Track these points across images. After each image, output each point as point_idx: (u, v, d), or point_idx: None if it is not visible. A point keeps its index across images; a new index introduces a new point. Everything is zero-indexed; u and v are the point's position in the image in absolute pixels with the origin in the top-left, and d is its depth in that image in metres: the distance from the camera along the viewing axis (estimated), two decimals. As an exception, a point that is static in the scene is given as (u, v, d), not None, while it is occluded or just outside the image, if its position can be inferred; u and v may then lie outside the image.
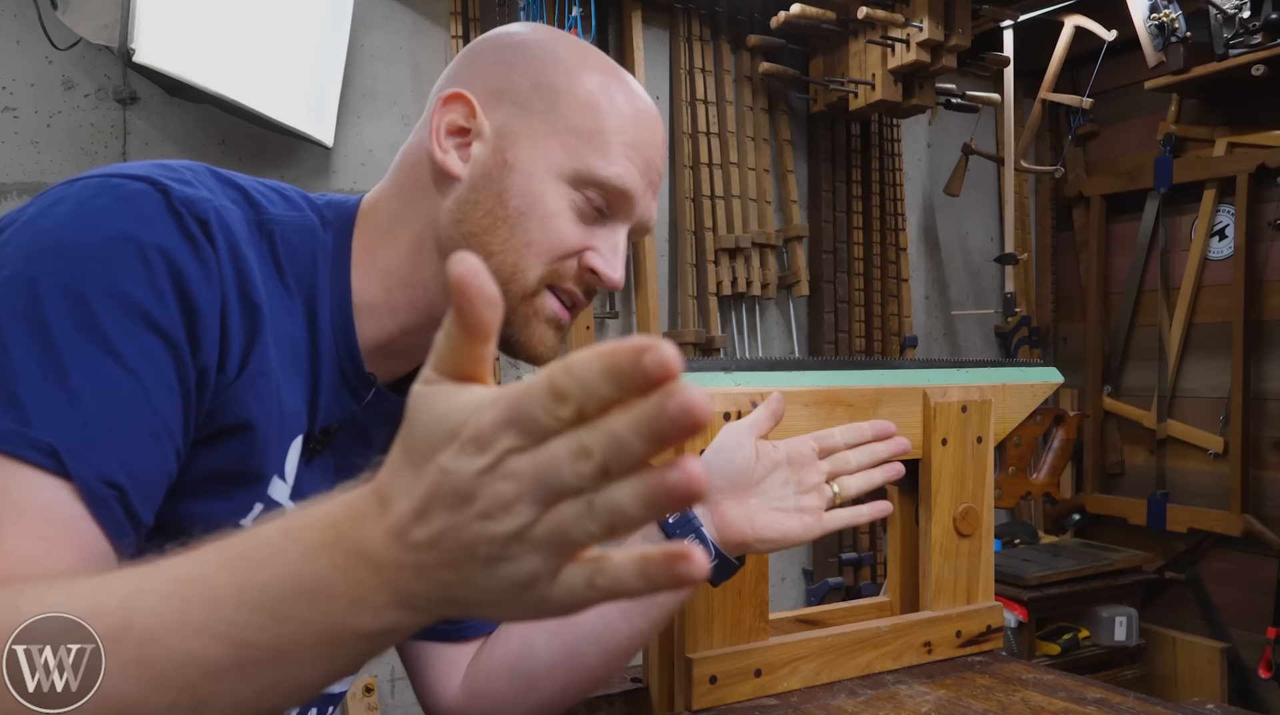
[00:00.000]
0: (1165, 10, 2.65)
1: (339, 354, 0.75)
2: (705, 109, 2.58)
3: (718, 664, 0.98)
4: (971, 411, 1.17)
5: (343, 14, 2.09)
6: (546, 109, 0.74)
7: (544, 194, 0.73)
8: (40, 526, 0.54)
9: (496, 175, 0.73)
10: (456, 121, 0.75)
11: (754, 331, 2.73)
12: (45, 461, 0.54)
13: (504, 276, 0.72)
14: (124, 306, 0.59)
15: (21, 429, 0.54)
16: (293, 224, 0.72)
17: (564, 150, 0.73)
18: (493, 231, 0.73)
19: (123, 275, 0.59)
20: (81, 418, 0.56)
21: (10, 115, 1.89)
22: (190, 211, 0.63)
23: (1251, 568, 2.82)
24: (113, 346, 0.58)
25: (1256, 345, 2.84)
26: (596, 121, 0.74)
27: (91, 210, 0.61)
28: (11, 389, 0.55)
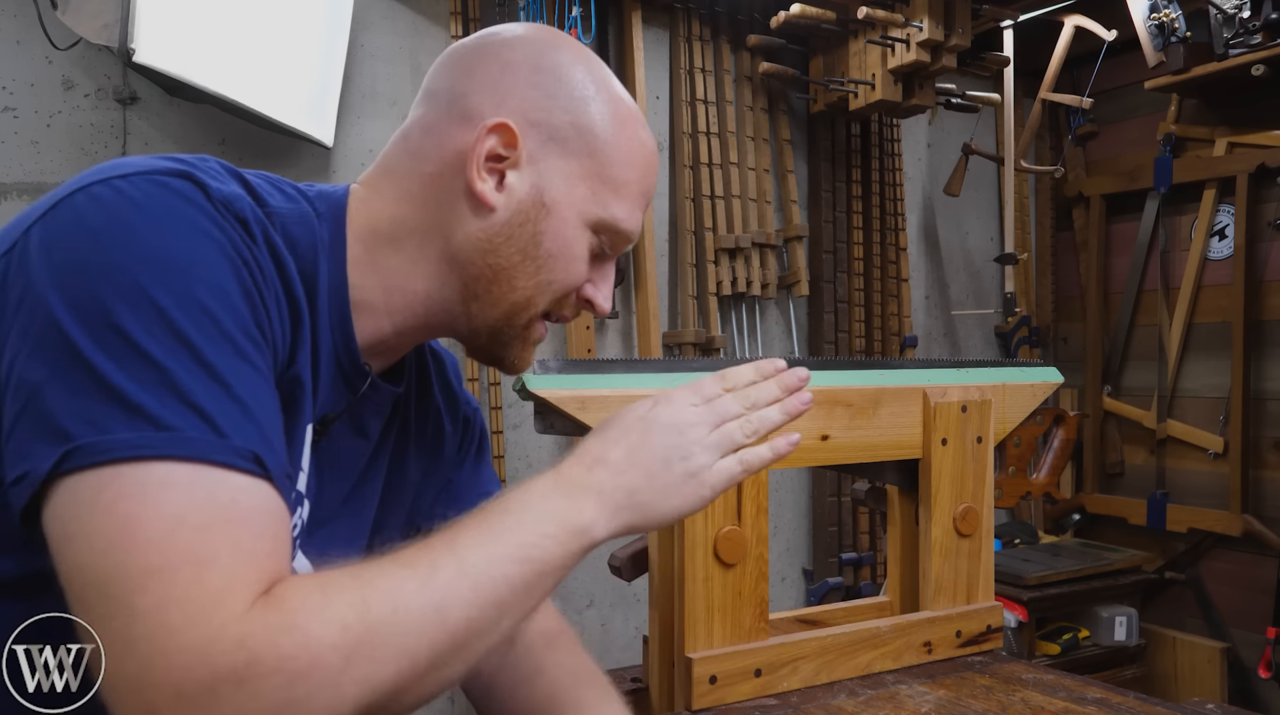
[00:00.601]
0: (1165, 10, 2.65)
1: (336, 345, 0.75)
2: (705, 109, 2.58)
3: (718, 664, 0.98)
4: (971, 411, 1.17)
5: (343, 14, 2.08)
6: (585, 154, 0.77)
7: (574, 240, 0.77)
8: (275, 529, 0.58)
9: (534, 217, 0.75)
10: (496, 150, 0.74)
11: (754, 331, 2.73)
12: (253, 467, 0.57)
13: (519, 308, 0.77)
14: (232, 308, 0.61)
15: (223, 440, 0.56)
16: (292, 216, 0.73)
17: (594, 198, 0.77)
18: (521, 268, 0.76)
19: (221, 278, 0.61)
20: (256, 422, 0.59)
21: (10, 115, 1.89)
22: (229, 210, 0.64)
23: (1251, 568, 2.82)
24: (242, 351, 0.60)
25: (1256, 345, 2.84)
26: (624, 172, 0.78)
27: (161, 212, 0.61)
28: (194, 404, 0.56)
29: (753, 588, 1.01)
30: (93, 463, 0.52)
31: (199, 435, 0.55)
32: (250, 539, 0.56)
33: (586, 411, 0.94)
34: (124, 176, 0.62)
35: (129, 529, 0.52)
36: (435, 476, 0.93)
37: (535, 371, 0.93)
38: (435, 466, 0.93)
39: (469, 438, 0.97)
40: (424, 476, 0.91)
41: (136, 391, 0.54)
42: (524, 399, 0.92)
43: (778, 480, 2.80)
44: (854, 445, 1.10)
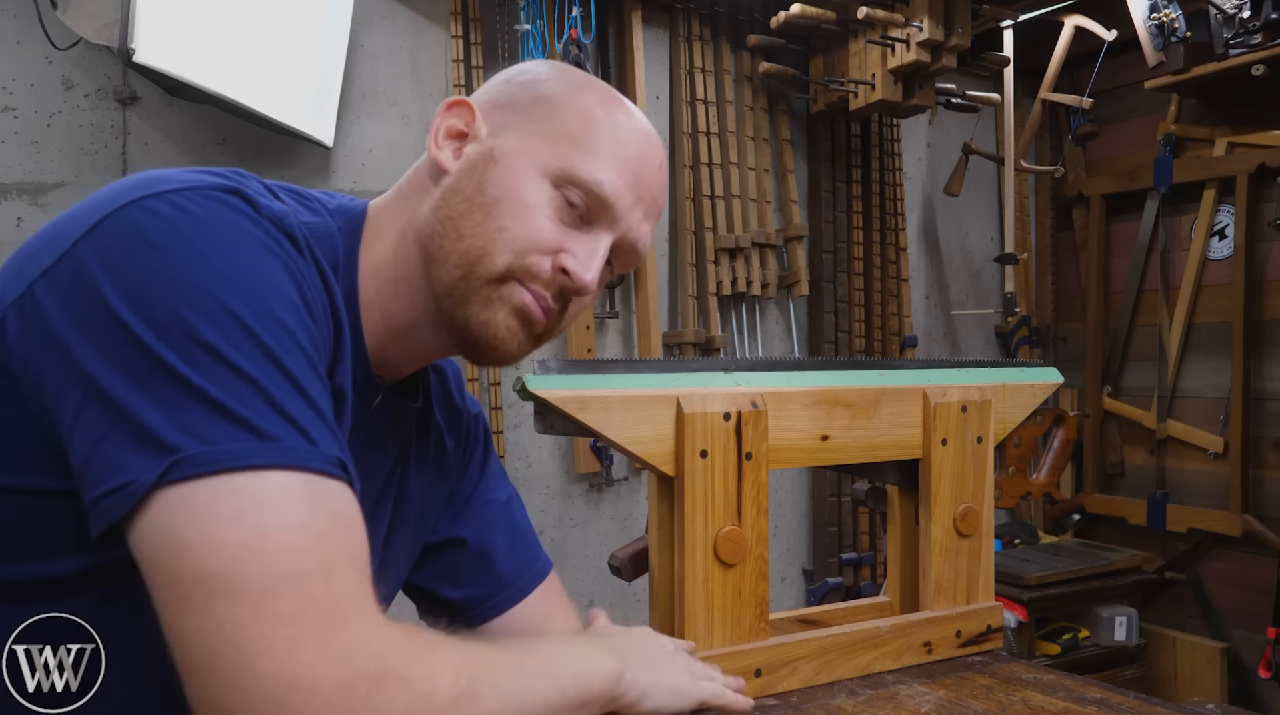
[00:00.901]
0: (1165, 10, 2.65)
1: (355, 358, 0.76)
2: (705, 109, 2.58)
3: (718, 664, 0.98)
4: (971, 411, 1.17)
5: (343, 14, 2.08)
6: (544, 117, 0.76)
7: (522, 186, 0.74)
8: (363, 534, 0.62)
9: (481, 167, 0.75)
10: (457, 126, 0.77)
11: (754, 331, 2.73)
12: (341, 473, 0.60)
13: (471, 259, 0.73)
14: (302, 322, 0.62)
15: (316, 448, 0.58)
16: (316, 231, 0.73)
17: (550, 150, 0.75)
18: (467, 216, 0.74)
19: (290, 293, 0.62)
20: (335, 431, 0.62)
21: (10, 115, 1.89)
22: (279, 227, 0.65)
23: (1251, 568, 2.82)
24: (313, 363, 0.62)
25: (1256, 345, 2.84)
26: (588, 129, 0.76)
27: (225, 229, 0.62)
28: (289, 415, 0.58)
29: (753, 588, 1.01)
30: (202, 472, 0.54)
31: (297, 444, 0.57)
32: (355, 546, 0.60)
33: (586, 411, 0.94)
34: (177, 191, 0.62)
35: (261, 537, 0.54)
36: (438, 492, 0.93)
37: (535, 371, 0.93)
38: (438, 483, 0.92)
39: (470, 447, 0.97)
40: (426, 494, 0.91)
41: (235, 404, 0.56)
42: (524, 399, 0.92)
43: (778, 480, 2.80)
44: (854, 445, 1.10)
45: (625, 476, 2.58)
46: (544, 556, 1.00)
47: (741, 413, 1.00)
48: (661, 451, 0.98)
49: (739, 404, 1.00)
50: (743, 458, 1.00)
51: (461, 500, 0.95)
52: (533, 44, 2.26)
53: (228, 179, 0.65)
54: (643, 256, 0.82)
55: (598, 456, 2.46)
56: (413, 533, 0.90)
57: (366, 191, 2.23)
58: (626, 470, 2.58)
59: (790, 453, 1.05)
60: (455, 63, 2.24)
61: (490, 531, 0.95)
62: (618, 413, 0.95)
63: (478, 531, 0.95)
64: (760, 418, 1.01)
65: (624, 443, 0.96)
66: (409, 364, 0.82)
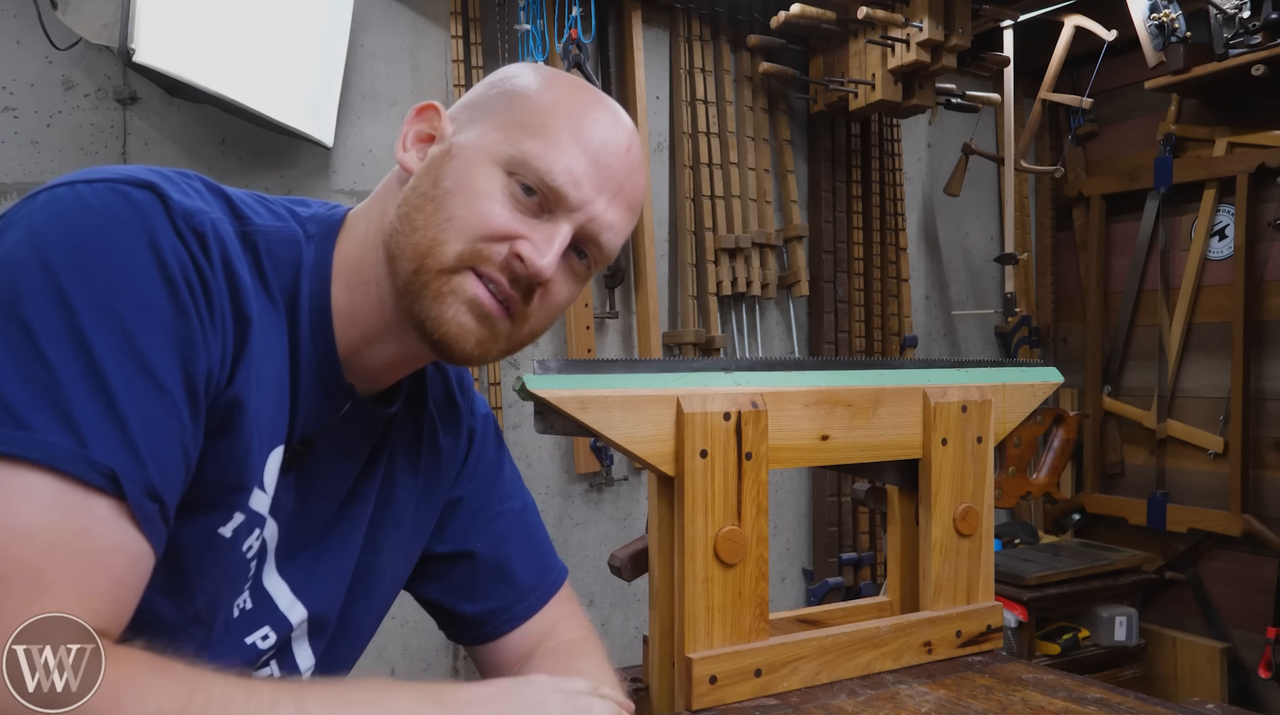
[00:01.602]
0: (1165, 10, 2.65)
1: (319, 364, 0.75)
2: (705, 109, 2.57)
3: (718, 664, 0.98)
4: (971, 411, 1.17)
5: (343, 14, 2.08)
6: (503, 109, 0.76)
7: (474, 175, 0.73)
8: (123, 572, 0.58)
9: (439, 162, 0.75)
10: (425, 130, 0.78)
11: (754, 331, 2.73)
12: (104, 484, 0.56)
13: (423, 251, 0.72)
14: (155, 323, 0.60)
15: (81, 450, 0.55)
16: (277, 235, 0.73)
17: (505, 139, 0.74)
18: (420, 209, 0.73)
19: (151, 292, 0.60)
20: (130, 439, 0.58)
21: (10, 115, 1.89)
22: (188, 223, 0.64)
23: (1251, 568, 2.82)
24: (148, 365, 0.59)
25: (1256, 345, 2.84)
26: (544, 117, 0.74)
27: (106, 217, 0.61)
28: (66, 409, 0.55)
29: (753, 588, 1.01)
30: None
31: (58, 441, 0.54)
32: (91, 577, 0.55)
33: (586, 411, 0.94)
34: (90, 182, 0.62)
35: None
36: (434, 496, 0.91)
37: (535, 371, 0.93)
38: (433, 486, 0.91)
39: (477, 449, 0.95)
40: (420, 497, 0.89)
41: (12, 385, 0.54)
42: (524, 399, 0.92)
43: (778, 480, 2.80)
44: (854, 445, 1.10)
45: (625, 476, 2.58)
46: (560, 565, 0.99)
47: (741, 413, 1.00)
48: (661, 451, 0.98)
49: (739, 404, 1.00)
50: (743, 458, 1.00)
51: (474, 509, 0.94)
52: (533, 44, 2.26)
53: (155, 175, 0.65)
54: (615, 246, 0.78)
55: (598, 456, 2.46)
56: (406, 535, 0.89)
57: (366, 192, 2.22)
58: (626, 470, 2.58)
59: (790, 453, 1.05)
60: (455, 63, 2.24)
61: (506, 542, 0.94)
62: (618, 413, 0.95)
63: (493, 542, 0.93)
64: (760, 418, 1.01)
65: (624, 443, 0.96)
66: (392, 369, 0.81)
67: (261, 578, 0.76)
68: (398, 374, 0.83)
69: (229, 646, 0.74)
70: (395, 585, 0.91)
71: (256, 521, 0.72)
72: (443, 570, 0.93)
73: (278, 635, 0.78)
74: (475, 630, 0.93)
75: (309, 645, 0.82)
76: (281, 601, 0.78)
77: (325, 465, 0.78)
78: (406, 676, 2.33)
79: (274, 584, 0.77)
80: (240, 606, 0.75)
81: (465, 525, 0.93)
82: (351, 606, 0.85)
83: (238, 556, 0.71)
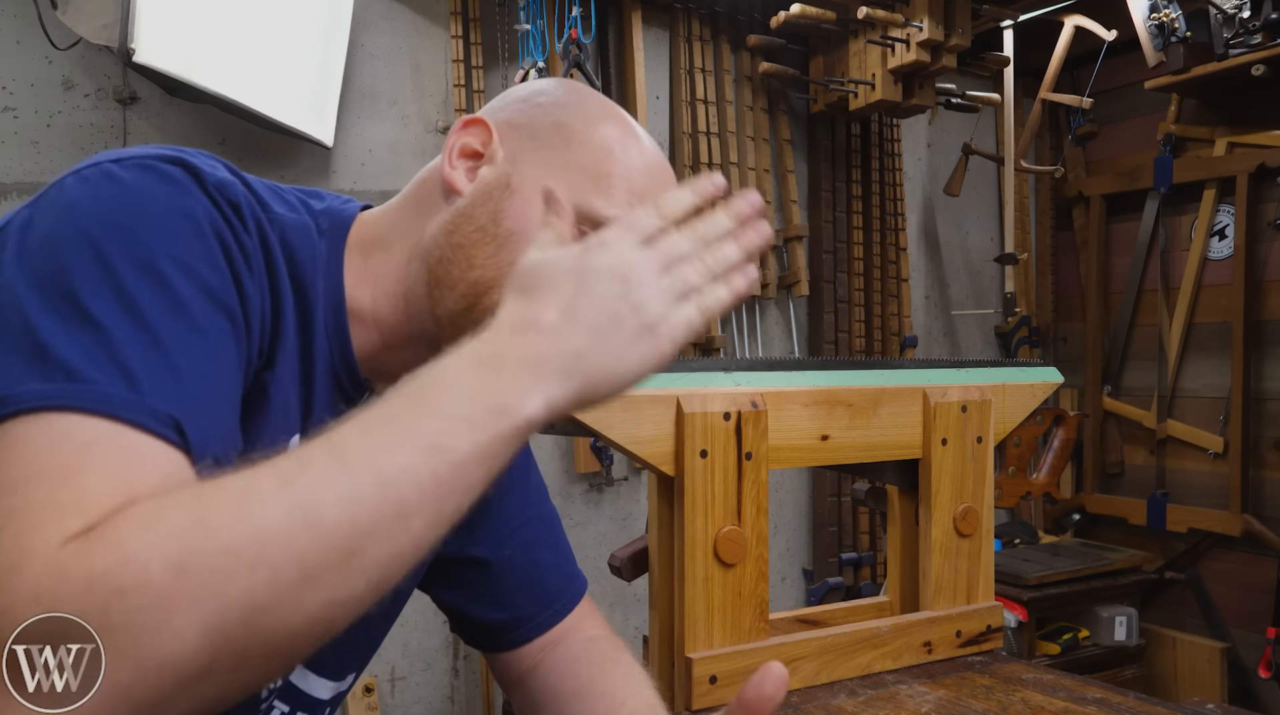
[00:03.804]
0: (1165, 10, 2.65)
1: (333, 359, 0.75)
2: (705, 109, 2.57)
3: (718, 664, 0.98)
4: (971, 411, 1.17)
5: (343, 14, 2.08)
6: (560, 146, 0.75)
7: (538, 221, 0.72)
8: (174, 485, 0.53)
9: (497, 195, 0.74)
10: (472, 145, 0.76)
11: (754, 331, 2.73)
12: (169, 433, 0.53)
13: (480, 290, 0.72)
14: (197, 283, 0.59)
15: (139, 398, 0.52)
16: (292, 225, 0.72)
17: (568, 184, 0.74)
18: (480, 246, 0.73)
19: (191, 252, 0.59)
20: (190, 391, 0.55)
21: (10, 115, 1.89)
22: (222, 194, 0.63)
23: (1251, 568, 2.82)
24: (196, 323, 0.58)
25: (1256, 345, 2.84)
26: (606, 165, 0.75)
27: (141, 187, 0.60)
28: (121, 362, 0.53)
29: (753, 588, 1.01)
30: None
31: (114, 391, 0.52)
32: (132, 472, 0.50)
33: (586, 411, 0.94)
34: (117, 160, 0.62)
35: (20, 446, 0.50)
36: None
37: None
38: None
39: None
40: None
41: (64, 348, 0.53)
42: (524, 399, 0.92)
43: (778, 480, 2.80)
44: (854, 445, 1.10)
45: (625, 476, 2.58)
46: (581, 576, 0.98)
47: (741, 413, 1.00)
48: (661, 451, 0.98)
49: (739, 404, 1.00)
50: (743, 458, 1.00)
51: (504, 513, 0.93)
52: (533, 44, 2.26)
53: (181, 153, 0.64)
54: None
55: (598, 456, 2.46)
56: None
57: (366, 191, 2.23)
58: (626, 470, 2.58)
59: (790, 453, 1.05)
60: (455, 63, 2.24)
61: (535, 548, 0.93)
62: (618, 413, 0.95)
63: (522, 549, 0.93)
64: (760, 418, 1.01)
65: (624, 443, 0.96)
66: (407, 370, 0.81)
67: None
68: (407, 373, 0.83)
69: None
70: (411, 580, 0.90)
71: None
72: (470, 575, 0.92)
73: None
74: (498, 637, 0.92)
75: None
76: None
77: None
78: (405, 675, 2.33)
79: None
80: None
81: (496, 529, 0.92)
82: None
83: None
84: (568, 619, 0.93)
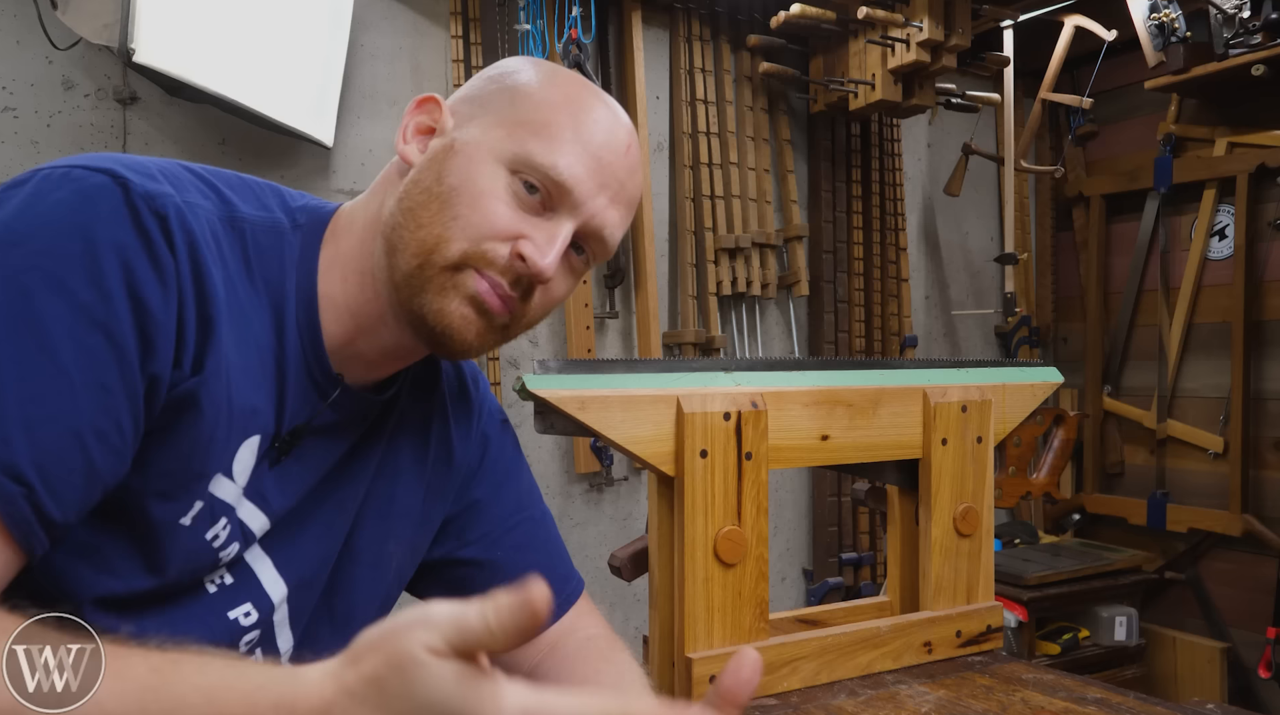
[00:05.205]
0: (1165, 10, 2.65)
1: (305, 355, 0.75)
2: (705, 109, 2.58)
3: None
4: (971, 411, 1.17)
5: (343, 14, 2.08)
6: (505, 105, 0.76)
7: (479, 174, 0.73)
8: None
9: (441, 157, 0.75)
10: (425, 122, 0.78)
11: (754, 331, 2.73)
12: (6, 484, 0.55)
13: (427, 247, 0.73)
14: (68, 303, 0.59)
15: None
16: (262, 224, 0.74)
17: (508, 137, 0.74)
18: (425, 206, 0.74)
19: (70, 272, 0.59)
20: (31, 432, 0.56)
21: (10, 115, 1.89)
22: (149, 207, 0.63)
23: (1251, 568, 2.82)
24: (48, 343, 0.58)
25: (1256, 345, 2.84)
26: (548, 114, 0.75)
27: (47, 203, 0.61)
28: None
29: (753, 588, 1.01)
30: None
31: None
32: None
33: (586, 411, 0.94)
34: (56, 167, 0.64)
35: None
36: (441, 492, 0.90)
37: (535, 371, 0.93)
38: (441, 481, 0.90)
39: (491, 453, 0.94)
40: (429, 487, 0.89)
41: None
42: (524, 399, 0.92)
43: (778, 480, 2.80)
44: (854, 445, 1.10)
45: (625, 476, 2.58)
46: (577, 575, 0.98)
47: (741, 413, 1.00)
48: (661, 451, 0.98)
49: (739, 404, 1.01)
50: (743, 458, 1.00)
51: (494, 515, 0.93)
52: (533, 44, 2.26)
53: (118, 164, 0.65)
54: (613, 244, 0.79)
55: (598, 456, 2.46)
56: (415, 525, 0.88)
57: (362, 192, 2.23)
58: (626, 470, 2.58)
59: (790, 453, 1.05)
60: (455, 63, 2.24)
61: (527, 550, 0.93)
62: (618, 413, 0.95)
63: (514, 550, 0.93)
64: (760, 418, 1.01)
65: (624, 443, 0.96)
66: (386, 360, 0.81)
67: (244, 555, 0.76)
68: (393, 366, 0.83)
69: (211, 622, 0.74)
70: (400, 578, 0.90)
71: (222, 510, 0.72)
72: (462, 578, 0.92)
73: (260, 613, 0.77)
74: None
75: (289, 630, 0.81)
76: (265, 578, 0.78)
77: (312, 452, 0.78)
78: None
79: (259, 562, 0.77)
80: (219, 582, 0.75)
81: (488, 531, 0.92)
82: (348, 593, 0.84)
83: (200, 544, 0.71)
84: (564, 619, 0.93)
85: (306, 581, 0.81)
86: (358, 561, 0.85)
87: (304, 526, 0.80)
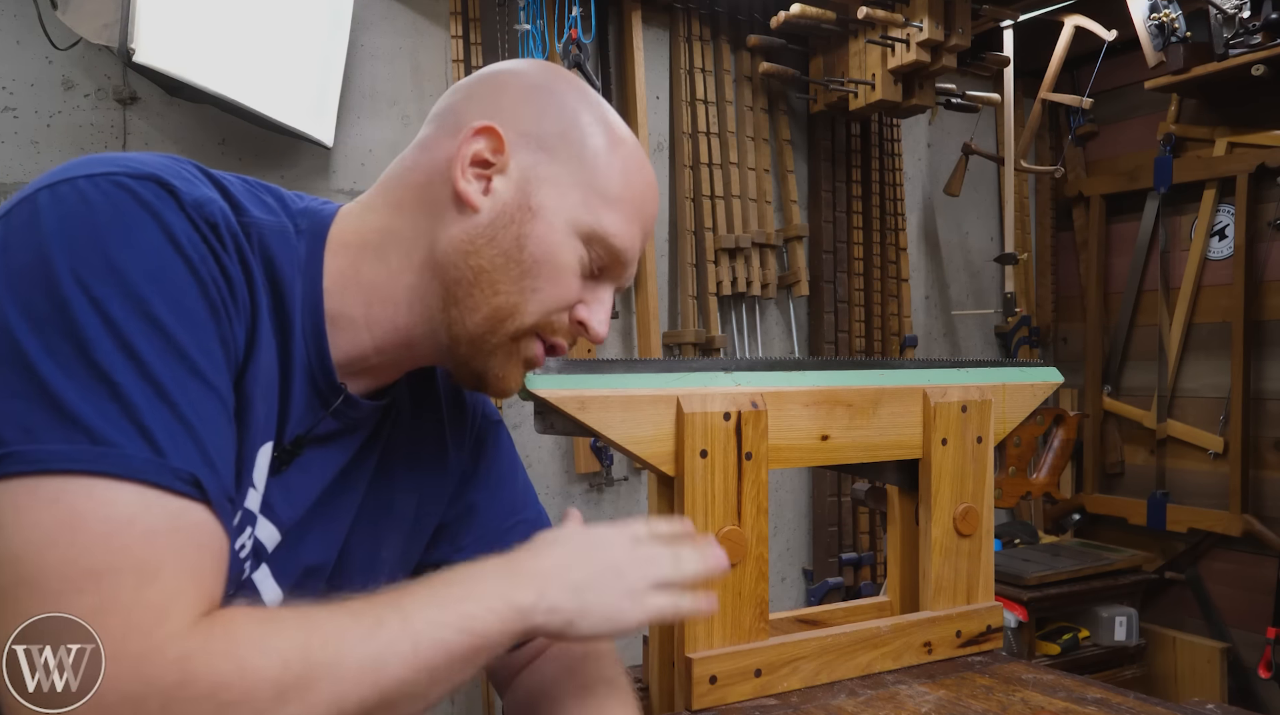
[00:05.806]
0: (1165, 10, 2.65)
1: (310, 364, 0.74)
2: (705, 109, 2.58)
3: (718, 664, 0.98)
4: (971, 411, 1.17)
5: (343, 14, 2.08)
6: (573, 161, 0.76)
7: (561, 249, 0.75)
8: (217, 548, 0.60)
9: (519, 218, 0.74)
10: (483, 154, 0.74)
11: (754, 331, 2.73)
12: (192, 491, 0.57)
13: (502, 315, 0.74)
14: (190, 323, 0.60)
15: (161, 460, 0.56)
16: (270, 228, 0.72)
17: (584, 206, 0.75)
18: (504, 271, 0.74)
19: (179, 288, 0.60)
20: (200, 443, 0.58)
21: (10, 115, 1.89)
22: (200, 214, 0.63)
23: (1251, 568, 2.82)
24: (196, 368, 0.60)
25: (1256, 345, 2.84)
26: (618, 187, 0.77)
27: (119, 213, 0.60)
28: (136, 420, 0.55)
29: (753, 588, 1.01)
30: (22, 471, 0.52)
31: (137, 452, 0.55)
32: (195, 555, 0.57)
33: (586, 411, 0.94)
34: (89, 176, 0.61)
35: (72, 526, 0.52)
36: (435, 497, 0.90)
37: (535, 371, 0.93)
38: (435, 487, 0.89)
39: (487, 457, 0.94)
40: (425, 493, 0.88)
41: (76, 401, 0.54)
42: (524, 399, 0.92)
43: (778, 480, 2.80)
44: (854, 445, 1.10)
45: (625, 476, 2.58)
46: None
47: (741, 413, 1.00)
48: (661, 451, 0.98)
49: (739, 404, 1.00)
50: (743, 458, 1.00)
51: (489, 519, 0.93)
52: (533, 44, 2.26)
53: (150, 166, 0.64)
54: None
55: (598, 456, 2.46)
56: (405, 531, 0.88)
57: (358, 194, 2.23)
58: (626, 470, 2.58)
59: (790, 453, 1.05)
60: (455, 63, 2.24)
61: None
62: (618, 413, 0.95)
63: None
64: (760, 418, 1.01)
65: (624, 443, 0.96)
66: (392, 372, 0.81)
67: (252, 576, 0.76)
68: (396, 375, 0.82)
69: None
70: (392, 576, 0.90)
71: (248, 520, 0.71)
72: None
73: None
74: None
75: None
76: (264, 588, 0.77)
77: (314, 462, 0.78)
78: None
79: (264, 579, 0.77)
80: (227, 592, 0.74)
81: (483, 534, 0.92)
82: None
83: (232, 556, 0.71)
84: None
85: (301, 589, 0.80)
86: (351, 569, 0.84)
87: (303, 537, 0.79)
